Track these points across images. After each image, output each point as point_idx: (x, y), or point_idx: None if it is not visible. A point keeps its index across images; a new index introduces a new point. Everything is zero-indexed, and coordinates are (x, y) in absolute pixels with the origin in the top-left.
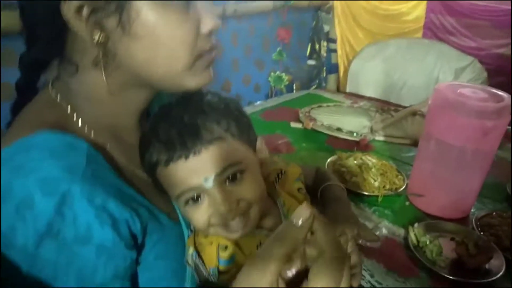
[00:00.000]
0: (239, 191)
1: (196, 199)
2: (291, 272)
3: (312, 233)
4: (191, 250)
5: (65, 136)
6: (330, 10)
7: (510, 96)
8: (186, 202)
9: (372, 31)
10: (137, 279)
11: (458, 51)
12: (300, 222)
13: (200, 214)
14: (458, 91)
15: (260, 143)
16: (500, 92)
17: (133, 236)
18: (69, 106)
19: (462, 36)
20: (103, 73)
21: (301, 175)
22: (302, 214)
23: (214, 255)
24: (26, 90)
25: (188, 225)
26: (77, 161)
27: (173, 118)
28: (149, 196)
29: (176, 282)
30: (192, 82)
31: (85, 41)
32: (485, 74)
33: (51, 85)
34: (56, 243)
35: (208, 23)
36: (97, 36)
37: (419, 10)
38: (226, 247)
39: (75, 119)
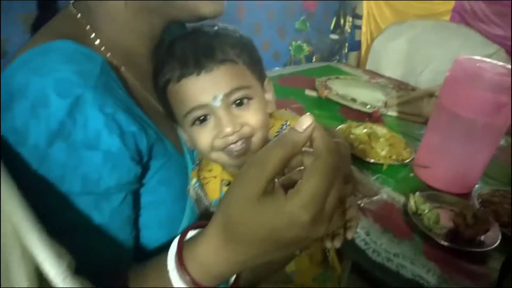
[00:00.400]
0: (244, 116)
1: (202, 120)
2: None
3: (311, 142)
4: (194, 181)
5: (83, 47)
6: None
7: None
8: (193, 122)
9: (399, 9)
10: (139, 199)
11: (484, 38)
12: (302, 129)
13: (205, 135)
14: (477, 64)
15: (267, 83)
16: None
17: (139, 152)
18: (88, 25)
19: (491, 22)
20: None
21: None
22: (304, 121)
23: (217, 188)
24: (46, 7)
25: (193, 158)
26: (92, 70)
27: (188, 39)
28: (157, 123)
29: (176, 209)
30: (208, 6)
31: None
32: (510, 64)
33: (73, 4)
34: (66, 144)
35: None
36: None
37: None
38: (228, 183)
39: (93, 37)
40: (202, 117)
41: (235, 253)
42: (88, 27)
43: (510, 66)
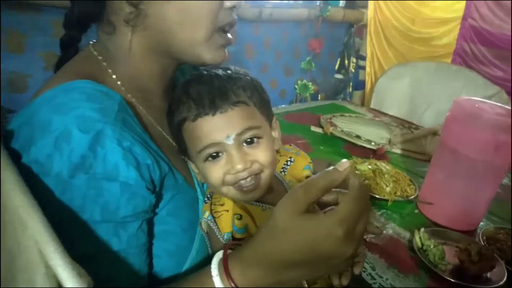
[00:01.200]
0: (254, 154)
1: (215, 156)
2: (326, 198)
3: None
4: (207, 214)
5: (102, 86)
6: (362, 30)
7: None
8: (206, 158)
9: (402, 52)
10: (152, 228)
11: (485, 79)
12: (341, 169)
13: (217, 170)
14: (477, 105)
15: (275, 122)
16: None
17: (152, 182)
18: (105, 65)
19: (491, 65)
20: (130, 31)
21: (310, 164)
22: (344, 164)
23: (229, 221)
24: (69, 47)
25: (204, 192)
26: (111, 107)
27: (204, 81)
28: (169, 156)
29: (185, 240)
30: (208, 55)
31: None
32: (510, 104)
33: (92, 45)
34: (87, 176)
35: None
36: (133, 6)
37: (450, 37)
38: (240, 217)
39: (110, 75)
40: (215, 154)
41: (277, 261)
42: (105, 66)
43: (508, 107)
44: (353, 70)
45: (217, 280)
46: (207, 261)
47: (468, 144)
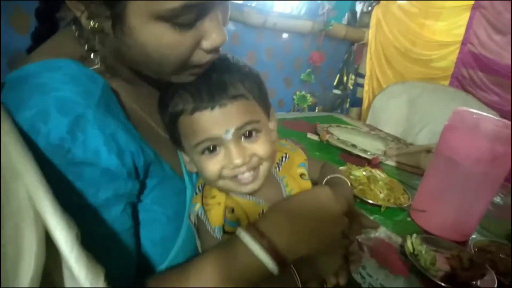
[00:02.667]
0: (253, 147)
1: (212, 150)
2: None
3: None
4: (197, 206)
5: (86, 69)
6: (363, 49)
7: None
8: (202, 152)
9: (401, 72)
10: (137, 215)
11: (481, 103)
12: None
13: (214, 164)
14: (475, 116)
15: (272, 113)
16: None
17: (136, 169)
18: (86, 46)
19: (488, 90)
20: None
21: (306, 161)
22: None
23: (220, 215)
24: (46, 18)
25: (192, 181)
26: (94, 91)
27: (201, 74)
28: (155, 144)
29: (169, 230)
30: (177, 80)
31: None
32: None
33: (73, 24)
34: (65, 160)
35: (212, 40)
36: (92, 25)
37: (449, 60)
38: (232, 210)
39: (93, 60)
40: (212, 148)
41: (293, 220)
42: (86, 47)
43: (505, 121)
44: (351, 87)
45: (246, 237)
46: (194, 252)
47: (465, 153)
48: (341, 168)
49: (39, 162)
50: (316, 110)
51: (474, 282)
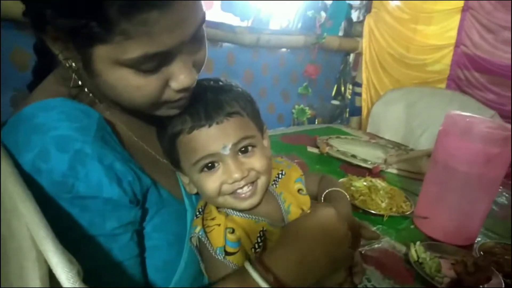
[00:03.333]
0: (250, 162)
1: (211, 167)
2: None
3: None
4: (198, 229)
5: (80, 104)
6: (358, 58)
7: None
8: (201, 169)
9: (397, 78)
10: (143, 242)
11: (479, 103)
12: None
13: (213, 181)
14: (468, 119)
15: (265, 131)
16: (507, 125)
17: (135, 197)
18: (80, 82)
19: (485, 90)
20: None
21: (302, 177)
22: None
23: (221, 236)
24: (43, 54)
25: (193, 204)
26: (89, 125)
27: (197, 94)
28: (152, 171)
29: (172, 254)
30: (160, 114)
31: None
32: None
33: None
34: (70, 195)
35: (180, 81)
36: (69, 64)
37: (444, 63)
38: (233, 230)
39: (87, 93)
40: (210, 164)
41: (300, 250)
42: (81, 85)
43: (498, 121)
44: (349, 97)
45: (255, 275)
46: (198, 274)
47: (461, 157)
48: (341, 179)
49: (44, 200)
50: (316, 122)
51: (480, 287)
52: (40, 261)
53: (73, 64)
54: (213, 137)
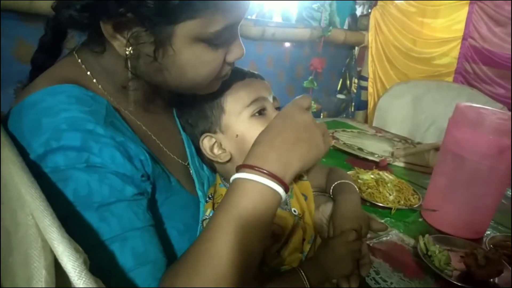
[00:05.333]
0: None
1: (261, 112)
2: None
3: None
4: (208, 211)
5: (88, 91)
6: (364, 52)
7: None
8: (253, 114)
9: (404, 72)
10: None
11: (487, 97)
12: None
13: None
14: (479, 110)
15: None
16: None
17: (147, 174)
18: (89, 73)
19: (494, 84)
20: (123, 60)
21: None
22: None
23: None
24: (51, 47)
25: (205, 194)
26: (99, 110)
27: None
28: (161, 160)
29: (183, 242)
30: (202, 92)
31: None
32: None
33: (76, 52)
34: (85, 164)
35: (235, 53)
36: (128, 51)
37: (452, 56)
38: None
39: (95, 82)
40: (262, 109)
41: (280, 142)
42: (90, 76)
43: (509, 113)
44: (355, 91)
45: (241, 174)
46: None
47: (472, 148)
48: (348, 172)
49: (60, 174)
50: (322, 116)
51: (491, 280)
52: (46, 250)
53: (132, 51)
54: (263, 85)
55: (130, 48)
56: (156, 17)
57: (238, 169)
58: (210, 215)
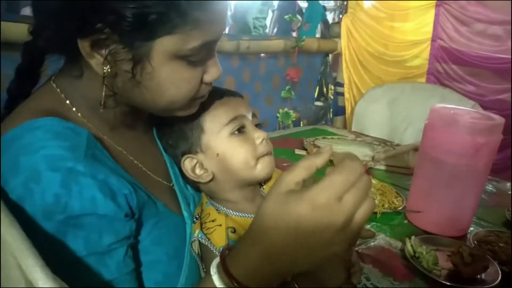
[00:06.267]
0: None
1: (240, 130)
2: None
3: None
4: (197, 232)
5: (67, 123)
6: (338, 58)
7: (501, 117)
8: (232, 132)
9: (378, 75)
10: (138, 256)
11: (460, 95)
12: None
13: (248, 144)
14: (452, 111)
15: None
16: (491, 114)
17: (131, 209)
18: (67, 101)
19: (465, 82)
20: (100, 82)
21: None
22: (324, 151)
23: (223, 236)
24: (28, 75)
25: (192, 215)
26: (79, 143)
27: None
28: (146, 186)
29: (172, 268)
30: (180, 114)
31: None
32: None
33: (53, 80)
34: (64, 215)
35: (212, 73)
36: (106, 70)
37: (422, 57)
38: (234, 230)
39: (74, 110)
40: (240, 128)
41: (269, 246)
42: (69, 104)
43: (481, 111)
44: (332, 97)
45: (215, 278)
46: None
47: (448, 150)
48: None
49: (35, 225)
50: (301, 125)
51: (478, 276)
52: None
53: (109, 70)
54: (241, 103)
55: (108, 66)
56: (134, 32)
57: (220, 267)
58: (199, 236)
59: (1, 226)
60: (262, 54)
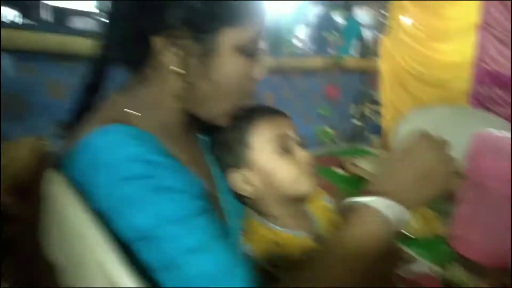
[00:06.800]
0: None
1: (286, 148)
2: None
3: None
4: (241, 244)
5: (135, 129)
6: (376, 77)
7: None
8: (277, 151)
9: (417, 96)
10: None
11: (504, 120)
12: None
13: (290, 161)
14: (498, 137)
15: None
16: None
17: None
18: (131, 112)
19: (508, 106)
20: (161, 88)
21: (324, 195)
22: None
23: (267, 248)
24: (95, 90)
25: (235, 226)
26: (153, 145)
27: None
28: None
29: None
30: (223, 122)
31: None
32: None
33: (118, 93)
34: (155, 188)
35: (260, 71)
36: (175, 66)
37: (465, 80)
38: (278, 244)
39: (136, 121)
40: (286, 145)
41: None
42: (133, 113)
43: None
44: (369, 116)
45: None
46: None
47: (493, 176)
48: None
49: (135, 202)
50: (338, 143)
51: None
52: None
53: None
54: (286, 122)
55: (176, 63)
56: (203, 25)
57: (366, 193)
58: (245, 249)
59: (81, 224)
60: (300, 72)
